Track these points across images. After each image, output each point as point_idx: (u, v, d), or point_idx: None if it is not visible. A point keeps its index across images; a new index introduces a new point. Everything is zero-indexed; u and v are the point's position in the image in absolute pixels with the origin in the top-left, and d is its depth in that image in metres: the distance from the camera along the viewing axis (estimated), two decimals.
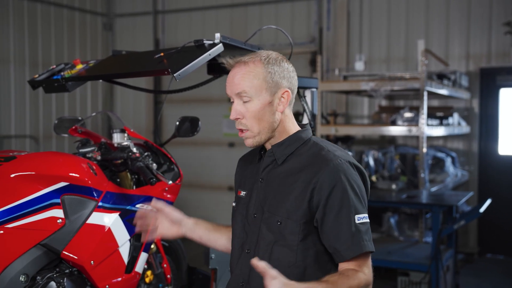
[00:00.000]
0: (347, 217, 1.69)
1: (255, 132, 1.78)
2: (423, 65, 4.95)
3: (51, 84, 2.82)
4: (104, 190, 2.58)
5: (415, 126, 5.05)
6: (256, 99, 1.76)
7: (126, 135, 2.87)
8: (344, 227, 1.68)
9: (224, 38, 2.46)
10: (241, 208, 1.88)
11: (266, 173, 1.83)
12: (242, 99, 1.77)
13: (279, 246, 1.74)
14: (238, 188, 1.95)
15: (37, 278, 2.33)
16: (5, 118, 7.16)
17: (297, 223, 1.72)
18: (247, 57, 1.79)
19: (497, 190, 6.37)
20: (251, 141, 1.80)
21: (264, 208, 1.79)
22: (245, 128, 1.78)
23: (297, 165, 1.77)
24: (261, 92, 1.76)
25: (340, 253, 1.69)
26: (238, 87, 1.76)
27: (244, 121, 1.78)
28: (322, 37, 7.29)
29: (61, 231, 2.37)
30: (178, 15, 8.30)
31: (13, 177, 2.31)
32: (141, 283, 2.96)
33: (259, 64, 1.77)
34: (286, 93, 1.79)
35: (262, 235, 1.78)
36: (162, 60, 2.46)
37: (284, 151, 1.81)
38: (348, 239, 1.67)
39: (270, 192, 1.79)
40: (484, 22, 6.42)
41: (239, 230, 1.86)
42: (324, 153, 1.76)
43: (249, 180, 1.90)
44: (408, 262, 4.50)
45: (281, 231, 1.74)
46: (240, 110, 1.77)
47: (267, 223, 1.77)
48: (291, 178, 1.76)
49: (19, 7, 7.32)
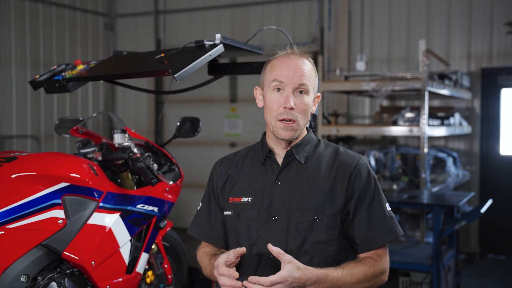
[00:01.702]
0: (380, 206, 1.82)
1: (300, 125, 1.82)
2: (424, 65, 4.94)
3: (52, 85, 2.82)
4: (105, 190, 2.58)
5: (416, 126, 5.05)
6: (310, 94, 1.83)
7: (127, 136, 2.87)
8: (379, 215, 1.80)
9: (224, 39, 2.47)
10: (249, 214, 1.83)
11: (284, 175, 1.83)
12: (300, 91, 1.80)
13: (314, 244, 1.76)
14: (231, 196, 1.88)
15: (38, 279, 2.33)
16: (6, 118, 7.17)
17: (336, 217, 1.78)
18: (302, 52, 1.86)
19: (498, 190, 6.36)
20: (292, 133, 1.81)
21: (292, 208, 1.78)
22: (295, 118, 1.80)
23: (321, 163, 1.84)
24: (312, 89, 1.84)
25: (374, 241, 1.78)
26: (303, 78, 1.80)
27: (295, 113, 1.80)
28: (323, 37, 7.29)
29: (62, 231, 2.37)
30: (179, 15, 8.30)
31: (14, 178, 2.31)
32: (142, 283, 2.97)
33: (311, 63, 1.86)
34: (319, 97, 1.90)
35: (292, 236, 1.76)
36: (163, 60, 2.46)
37: (304, 151, 1.85)
38: (384, 226, 1.79)
39: (296, 192, 1.80)
40: (486, 22, 6.42)
41: (250, 237, 1.81)
42: (344, 151, 1.88)
43: (252, 184, 1.86)
44: (409, 262, 4.49)
45: (317, 227, 1.76)
46: (295, 101, 1.80)
47: (298, 223, 1.77)
48: (320, 176, 1.81)
49: (21, 7, 7.33)
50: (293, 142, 1.85)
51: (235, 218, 1.85)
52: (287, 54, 1.83)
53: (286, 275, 1.59)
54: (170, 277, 3.17)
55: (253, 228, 1.81)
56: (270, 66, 1.85)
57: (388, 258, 1.83)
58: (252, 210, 1.82)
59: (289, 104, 1.77)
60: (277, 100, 1.79)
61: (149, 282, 3.00)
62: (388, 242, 1.80)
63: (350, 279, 1.70)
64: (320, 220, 1.76)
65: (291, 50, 1.85)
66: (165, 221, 3.00)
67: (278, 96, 1.79)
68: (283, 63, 1.81)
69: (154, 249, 3.02)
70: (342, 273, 1.69)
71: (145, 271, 2.96)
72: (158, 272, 3.08)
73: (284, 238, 1.77)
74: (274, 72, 1.81)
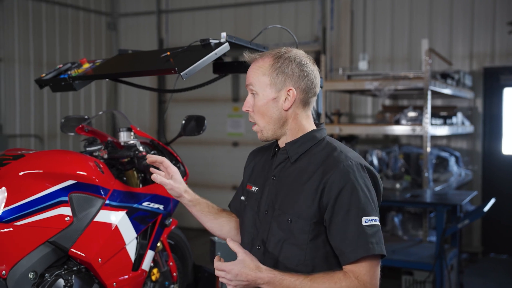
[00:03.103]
0: (354, 218, 1.67)
1: (260, 126, 1.83)
2: (427, 64, 4.95)
3: (58, 83, 2.83)
4: (111, 188, 2.60)
5: (419, 125, 5.06)
6: (261, 94, 1.80)
7: (132, 134, 2.89)
8: (351, 228, 1.67)
9: (230, 37, 2.48)
10: (252, 204, 1.89)
11: (278, 171, 1.85)
12: (251, 92, 1.83)
13: (289, 244, 1.76)
14: (248, 183, 1.96)
15: (45, 275, 2.35)
16: (10, 118, 7.19)
17: (308, 222, 1.72)
18: (262, 53, 1.85)
19: (501, 189, 6.37)
20: (259, 135, 1.85)
21: (275, 205, 1.80)
22: (254, 121, 1.85)
23: (309, 165, 1.78)
24: (266, 88, 1.79)
25: (345, 255, 1.67)
26: (247, 80, 1.84)
27: (252, 115, 1.84)
28: (326, 36, 7.30)
29: (69, 228, 2.38)
30: (182, 15, 8.31)
31: (21, 175, 2.32)
32: (148, 281, 2.98)
33: (268, 61, 1.80)
34: (290, 91, 1.78)
35: (272, 232, 1.79)
36: (168, 59, 2.47)
37: (297, 150, 1.82)
38: (354, 241, 1.66)
39: (282, 190, 1.81)
40: (488, 22, 6.42)
41: (249, 225, 1.88)
42: (336, 154, 1.76)
43: (261, 175, 1.92)
44: (412, 261, 4.50)
45: (291, 229, 1.75)
46: (250, 103, 1.84)
47: (277, 221, 1.78)
48: (303, 177, 1.77)
49: (24, 6, 7.35)
50: (287, 139, 1.84)
51: (244, 204, 1.94)
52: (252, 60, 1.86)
53: (231, 268, 1.65)
54: (175, 275, 3.18)
55: (252, 218, 1.88)
56: None
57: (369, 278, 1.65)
58: (255, 200, 1.89)
59: (243, 107, 1.86)
60: None
61: (154, 280, 3.02)
62: (357, 258, 1.64)
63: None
64: (293, 223, 1.74)
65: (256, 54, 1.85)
66: (170, 219, 3.01)
67: None
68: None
69: (160, 246, 3.03)
70: (300, 281, 1.64)
71: (151, 269, 2.98)
72: (163, 269, 3.10)
73: (267, 234, 1.81)
74: None
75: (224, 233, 2.04)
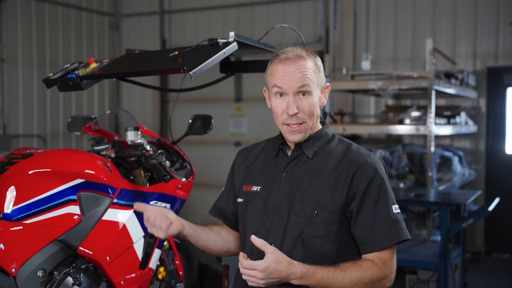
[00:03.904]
0: (386, 207, 1.77)
1: (309, 125, 1.83)
2: (431, 64, 4.96)
3: (65, 83, 2.84)
4: (118, 187, 2.61)
5: (423, 125, 5.06)
6: (314, 93, 1.81)
7: (139, 133, 2.90)
8: (383, 217, 1.76)
9: (238, 37, 2.49)
10: (256, 203, 1.88)
11: (291, 168, 1.86)
12: (303, 93, 1.79)
13: (312, 238, 1.77)
14: (245, 184, 1.94)
15: (54, 273, 2.36)
16: (13, 118, 7.20)
17: (335, 213, 1.77)
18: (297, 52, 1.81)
19: (504, 189, 6.37)
20: (302, 135, 1.82)
21: (294, 200, 1.80)
22: (301, 121, 1.80)
23: (329, 159, 1.83)
24: (316, 87, 1.83)
25: (376, 242, 1.74)
26: (301, 81, 1.78)
27: (300, 115, 1.80)
28: (329, 36, 7.30)
29: (77, 227, 2.40)
30: (185, 15, 8.32)
31: (30, 174, 2.34)
32: (154, 279, 2.99)
33: (310, 59, 1.82)
34: (328, 87, 1.88)
35: (291, 227, 1.79)
36: (176, 58, 2.48)
37: (313, 146, 1.86)
38: (387, 228, 1.75)
39: (300, 185, 1.82)
40: (491, 21, 6.43)
41: (255, 225, 1.87)
42: (355, 148, 1.86)
43: (263, 175, 1.91)
44: (416, 261, 4.50)
45: (315, 222, 1.77)
46: (299, 104, 1.79)
47: (298, 215, 1.79)
48: (325, 171, 1.81)
49: (27, 7, 7.36)
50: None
51: (245, 205, 1.91)
52: (283, 60, 1.80)
53: (265, 265, 1.60)
54: (181, 274, 3.19)
55: (258, 217, 1.86)
56: (270, 72, 1.85)
57: (393, 264, 1.78)
58: (260, 199, 1.87)
59: (292, 111, 1.78)
60: (280, 106, 1.81)
61: (161, 278, 3.03)
62: (391, 244, 1.75)
63: (341, 279, 1.68)
64: (318, 215, 1.77)
65: (285, 55, 1.81)
66: None
67: (281, 102, 1.81)
68: (280, 70, 1.80)
69: (166, 245, 3.04)
70: (333, 273, 1.67)
71: (157, 267, 2.99)
72: (169, 268, 3.10)
73: (283, 229, 1.80)
74: (273, 78, 1.82)
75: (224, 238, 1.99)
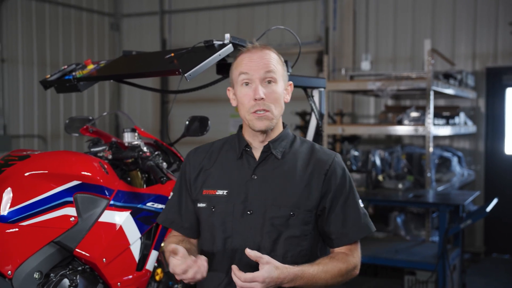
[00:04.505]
0: (355, 203, 1.86)
1: (275, 114, 1.84)
2: (430, 64, 4.96)
3: (63, 84, 2.85)
4: (115, 188, 2.61)
5: (421, 125, 5.07)
6: (279, 83, 1.85)
7: (136, 135, 2.90)
8: (354, 212, 1.85)
9: (233, 39, 2.49)
10: (224, 207, 1.83)
11: (261, 170, 1.85)
12: (269, 80, 1.82)
13: (288, 238, 1.79)
14: (205, 188, 1.88)
15: (50, 275, 2.36)
16: (13, 118, 7.21)
17: (311, 212, 1.81)
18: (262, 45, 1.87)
19: (503, 189, 6.37)
20: (268, 123, 1.83)
21: (268, 202, 1.80)
22: (267, 108, 1.82)
23: (297, 159, 1.86)
24: (281, 77, 1.86)
25: (348, 236, 1.83)
26: (267, 67, 1.82)
27: (266, 102, 1.82)
28: (328, 36, 7.31)
29: (74, 229, 2.39)
30: (185, 15, 8.33)
31: (27, 176, 2.34)
32: (151, 281, 2.99)
33: (275, 53, 1.88)
34: (291, 85, 1.92)
35: (268, 230, 1.79)
36: (172, 60, 2.49)
37: (280, 146, 1.88)
38: (358, 222, 1.84)
39: (272, 187, 1.82)
40: (491, 22, 6.43)
41: (225, 230, 1.82)
42: (319, 148, 1.92)
43: (228, 177, 1.87)
44: (415, 261, 4.51)
45: (292, 222, 1.79)
46: (265, 91, 1.81)
47: (273, 217, 1.79)
48: (297, 171, 1.83)
49: (27, 7, 7.37)
50: (270, 137, 1.87)
51: (210, 210, 1.85)
52: (249, 49, 1.86)
53: (265, 276, 1.62)
54: None
55: (228, 222, 1.82)
56: (235, 64, 1.89)
57: (360, 253, 1.88)
58: (228, 203, 1.83)
59: (258, 95, 1.79)
60: (247, 94, 1.82)
61: (158, 280, 3.02)
62: (362, 237, 1.86)
63: (325, 275, 1.74)
64: (295, 216, 1.79)
65: (252, 44, 1.87)
66: None
67: (248, 90, 1.82)
68: (247, 57, 1.84)
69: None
70: (317, 270, 1.73)
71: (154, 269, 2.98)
72: (167, 269, 3.11)
73: (259, 233, 1.79)
74: (239, 67, 1.85)
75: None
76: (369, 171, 5.26)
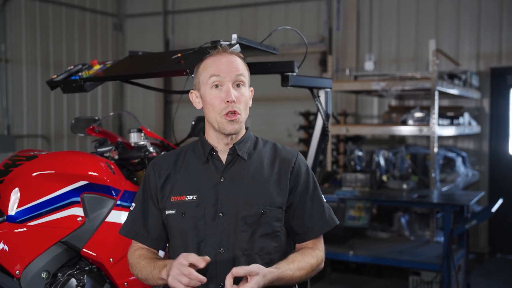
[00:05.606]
0: (319, 198, 1.93)
1: (243, 117, 1.88)
2: (434, 65, 4.95)
3: (69, 85, 2.85)
4: (122, 189, 2.61)
5: (426, 126, 5.06)
6: (246, 86, 1.90)
7: (143, 135, 2.90)
8: (319, 206, 1.91)
9: (240, 39, 2.49)
10: (195, 212, 1.83)
11: (228, 172, 1.87)
12: (238, 83, 1.86)
13: (262, 237, 1.83)
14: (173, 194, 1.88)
15: (58, 275, 2.36)
16: (17, 118, 7.23)
17: (282, 209, 1.86)
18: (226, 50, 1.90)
19: (508, 190, 6.36)
20: (237, 126, 1.85)
21: (239, 203, 1.82)
22: (238, 111, 1.85)
23: (263, 159, 1.90)
24: (247, 83, 1.91)
25: (314, 231, 1.89)
26: (236, 70, 1.85)
27: (237, 105, 1.85)
28: (332, 37, 7.31)
29: (81, 229, 2.40)
30: (188, 16, 8.34)
31: (34, 176, 2.35)
32: None
33: (239, 58, 1.91)
34: (252, 91, 1.95)
35: (241, 230, 1.81)
36: (179, 60, 2.49)
37: (246, 148, 1.91)
38: (323, 217, 1.91)
39: (242, 187, 1.84)
40: (495, 22, 6.42)
41: (197, 235, 1.82)
42: (281, 147, 1.97)
43: (196, 182, 1.87)
44: (420, 262, 4.51)
45: (264, 221, 1.82)
46: (235, 94, 1.84)
47: (246, 217, 1.81)
48: (264, 171, 1.87)
49: (31, 8, 7.39)
50: (235, 139, 1.89)
51: (180, 216, 1.85)
52: (218, 52, 1.88)
53: (257, 284, 1.66)
54: None
55: (201, 226, 1.82)
56: (202, 66, 1.89)
57: (323, 246, 1.93)
58: (198, 208, 1.83)
59: (231, 97, 1.81)
60: (218, 96, 1.83)
61: None
62: (327, 231, 1.91)
63: (299, 273, 1.80)
64: (267, 213, 1.83)
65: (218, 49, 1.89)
66: None
67: (219, 92, 1.84)
68: (217, 60, 1.86)
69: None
70: (293, 269, 1.78)
71: None
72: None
73: (233, 233, 1.80)
74: (209, 69, 1.86)
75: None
76: (373, 172, 5.26)
